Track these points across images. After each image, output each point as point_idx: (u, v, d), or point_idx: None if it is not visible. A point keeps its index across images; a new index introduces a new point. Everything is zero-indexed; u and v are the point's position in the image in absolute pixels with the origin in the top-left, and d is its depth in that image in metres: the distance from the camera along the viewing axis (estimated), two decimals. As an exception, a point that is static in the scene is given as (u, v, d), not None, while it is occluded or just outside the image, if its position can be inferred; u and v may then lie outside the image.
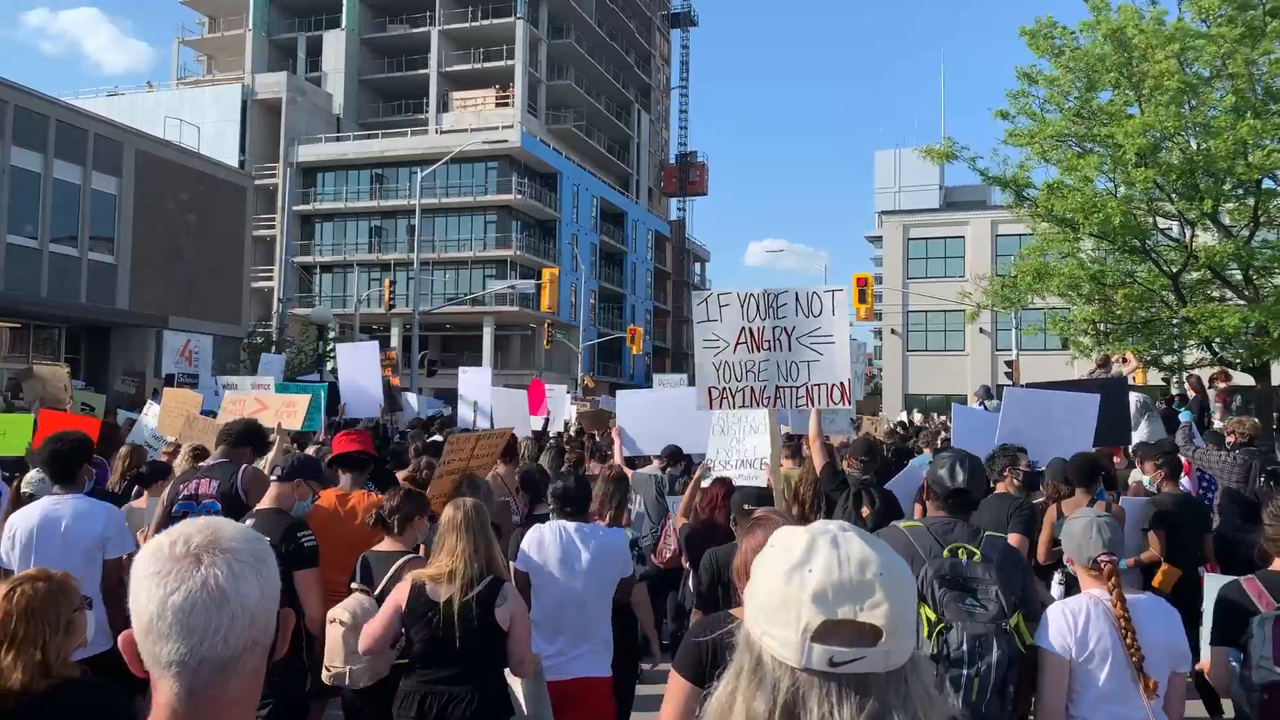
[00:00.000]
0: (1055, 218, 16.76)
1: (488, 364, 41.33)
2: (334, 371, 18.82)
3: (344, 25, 57.47)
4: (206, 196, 29.18)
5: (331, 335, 35.21)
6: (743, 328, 5.40)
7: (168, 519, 5.33)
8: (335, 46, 57.65)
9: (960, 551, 3.35)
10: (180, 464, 7.04)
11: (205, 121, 47.53)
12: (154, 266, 26.93)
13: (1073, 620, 3.32)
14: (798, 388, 5.41)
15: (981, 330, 42.58)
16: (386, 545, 4.49)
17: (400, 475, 7.53)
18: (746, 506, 4.76)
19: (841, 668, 1.16)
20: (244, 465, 5.42)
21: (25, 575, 2.73)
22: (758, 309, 5.40)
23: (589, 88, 63.15)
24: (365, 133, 56.05)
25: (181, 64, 60.72)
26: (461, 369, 14.91)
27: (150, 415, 10.51)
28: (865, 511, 5.65)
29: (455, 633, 3.64)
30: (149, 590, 1.27)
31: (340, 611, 4.17)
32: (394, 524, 4.45)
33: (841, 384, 5.39)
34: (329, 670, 4.13)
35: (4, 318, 23.60)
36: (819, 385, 5.38)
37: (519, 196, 50.90)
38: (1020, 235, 41.63)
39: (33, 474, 6.69)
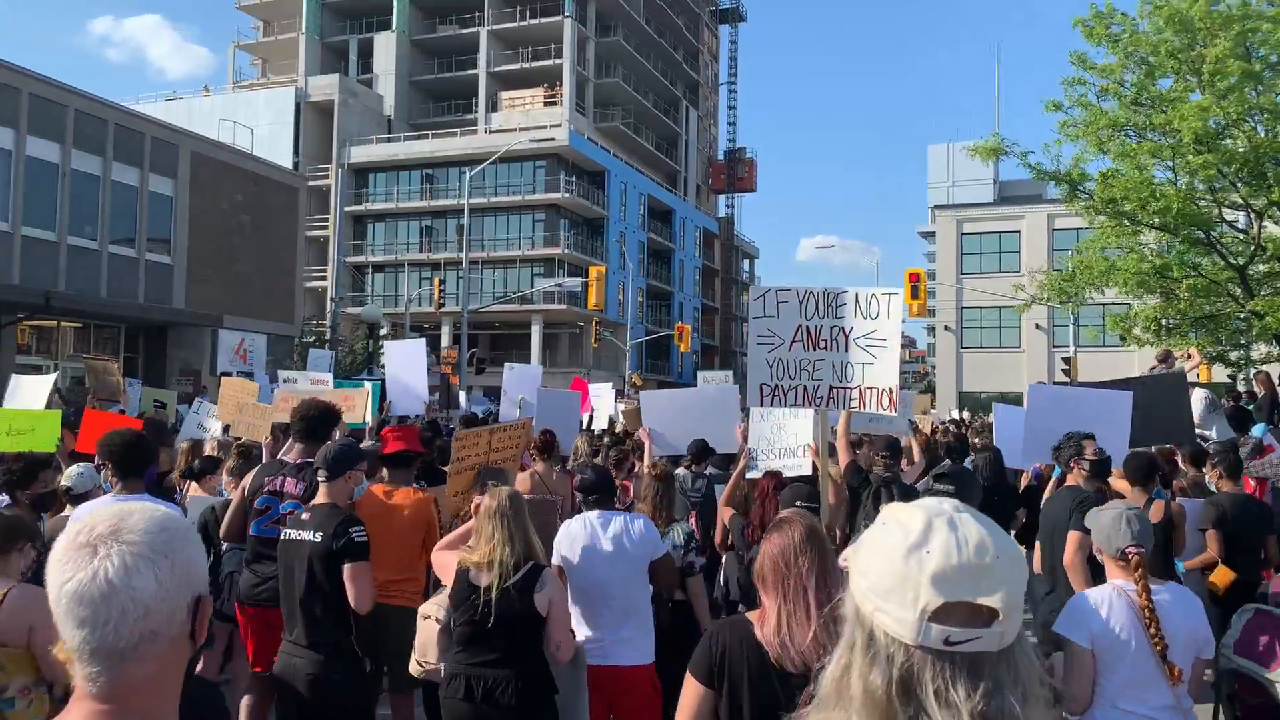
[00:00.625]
0: (1113, 210, 16.22)
1: (536, 362, 41.51)
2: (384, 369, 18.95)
3: (394, 27, 58.14)
4: (260, 197, 29.68)
5: (383, 334, 35.65)
6: (800, 325, 5.37)
7: (246, 511, 5.37)
8: (386, 48, 58.35)
9: None
10: (230, 463, 7.10)
11: (260, 124, 48.41)
12: (209, 266, 27.46)
13: (1095, 610, 3.33)
14: (850, 389, 5.36)
15: (1038, 326, 41.70)
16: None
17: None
18: (799, 504, 4.63)
19: (957, 647, 1.20)
20: None
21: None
22: (816, 307, 5.37)
23: (637, 85, 63.07)
24: (415, 133, 56.65)
25: (237, 68, 61.99)
26: (507, 365, 14.93)
27: (200, 410, 10.65)
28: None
29: (496, 618, 3.73)
30: (51, 576, 1.31)
31: (433, 608, 4.24)
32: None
33: (889, 389, 5.34)
34: (421, 665, 4.19)
35: (66, 317, 24.21)
36: (871, 389, 5.34)
37: (567, 195, 51.02)
38: (1078, 229, 40.71)
39: (74, 469, 6.75)
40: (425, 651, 4.19)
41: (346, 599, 4.28)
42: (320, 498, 4.61)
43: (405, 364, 12.38)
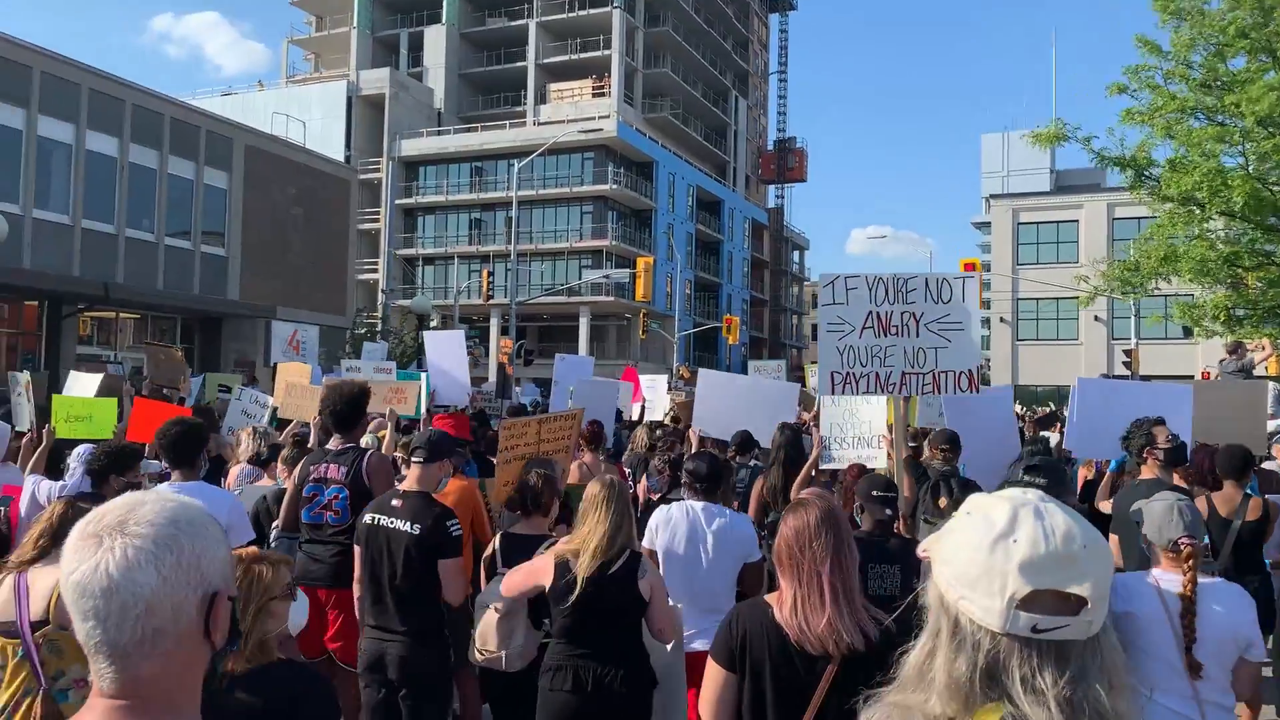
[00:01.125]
0: (1180, 197, 15.58)
1: (584, 354, 41.50)
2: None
3: (444, 20, 58.47)
4: (312, 190, 30.00)
5: (432, 325, 35.89)
6: (870, 311, 5.37)
7: (298, 500, 5.41)
8: (436, 41, 58.70)
9: None
10: (285, 452, 7.09)
11: (312, 118, 49.01)
12: (262, 259, 27.83)
13: (1115, 599, 3.13)
14: (924, 374, 5.36)
15: (1096, 318, 40.62)
16: (524, 528, 4.59)
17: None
18: (875, 494, 4.65)
19: (1044, 634, 1.23)
20: (369, 451, 5.48)
21: (249, 554, 2.83)
22: (886, 293, 5.39)
23: (685, 75, 62.69)
24: (465, 126, 56.94)
25: (291, 63, 62.88)
26: (558, 356, 14.92)
27: (242, 397, 10.72)
28: (943, 502, 5.57)
29: (601, 606, 3.71)
30: (64, 563, 1.28)
31: (490, 596, 4.24)
32: (529, 505, 4.58)
33: (970, 371, 5.36)
34: (482, 653, 4.19)
35: (125, 309, 24.71)
36: (946, 372, 5.34)
37: (615, 186, 50.90)
38: (1139, 218, 39.47)
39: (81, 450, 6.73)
40: (485, 640, 4.16)
41: (438, 587, 4.40)
42: (411, 483, 4.63)
43: (445, 354, 12.40)
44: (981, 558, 1.26)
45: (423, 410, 11.28)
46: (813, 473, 6.36)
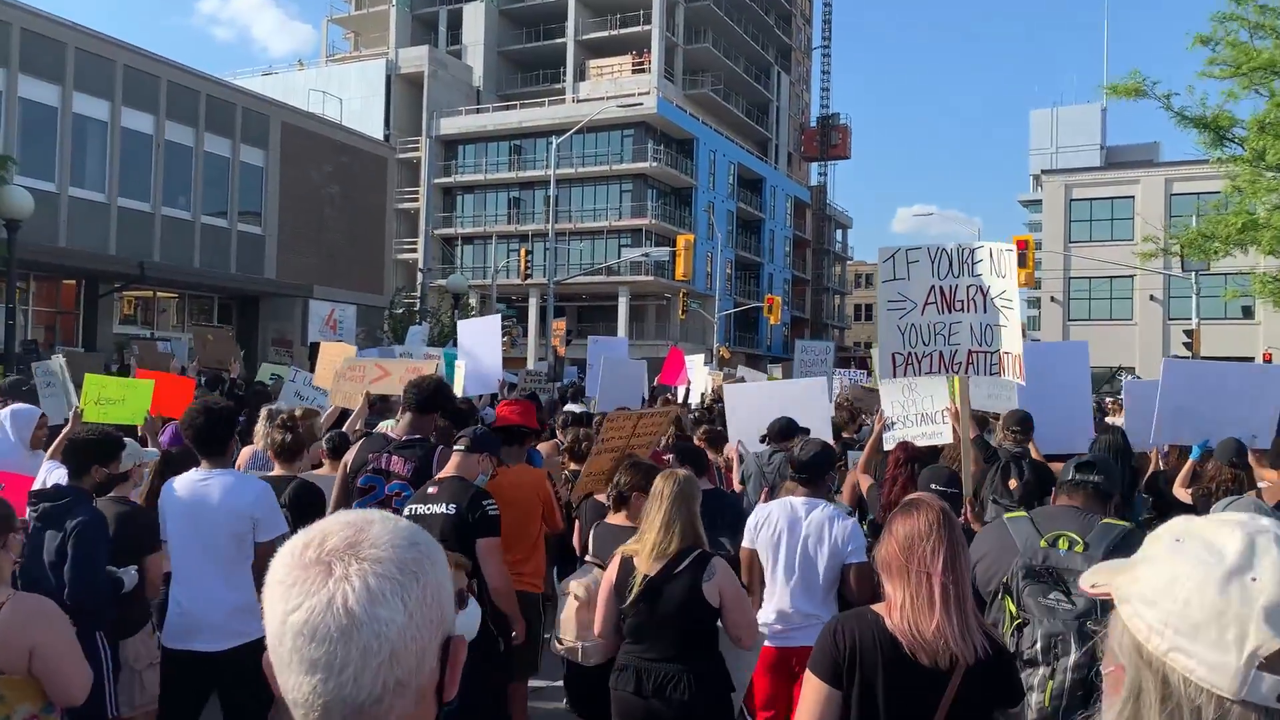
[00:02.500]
0: (1266, 163, 14.55)
1: (623, 334, 41.04)
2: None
3: (483, -3, 57.95)
4: (349, 168, 29.75)
5: (471, 306, 35.63)
6: (933, 286, 5.00)
7: (348, 492, 4.95)
8: (475, 18, 58.24)
9: (1061, 541, 3.10)
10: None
11: (351, 97, 48.87)
12: (299, 237, 27.65)
13: None
14: (992, 353, 4.95)
15: (1152, 298, 39.30)
16: (617, 519, 4.42)
17: (542, 447, 7.12)
18: (935, 487, 4.50)
19: None
20: (440, 446, 5.01)
21: None
22: (950, 265, 5.00)
23: (727, 50, 61.58)
24: (503, 104, 56.50)
25: (331, 42, 62.83)
26: (591, 338, 14.58)
27: (296, 379, 10.42)
28: (1013, 484, 5.33)
29: (663, 608, 3.56)
30: (270, 603, 1.04)
31: (575, 586, 4.14)
32: (627, 498, 4.37)
33: (1018, 356, 4.96)
34: (561, 644, 4.08)
35: (163, 288, 24.66)
36: (1007, 354, 4.94)
37: (655, 164, 50.18)
38: (1199, 194, 38.04)
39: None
40: (565, 629, 4.08)
41: (480, 575, 4.24)
42: (449, 469, 4.50)
43: (479, 341, 12.05)
44: (1208, 599, 0.99)
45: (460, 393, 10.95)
46: (877, 452, 6.17)
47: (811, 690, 2.55)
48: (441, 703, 1.09)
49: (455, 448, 4.56)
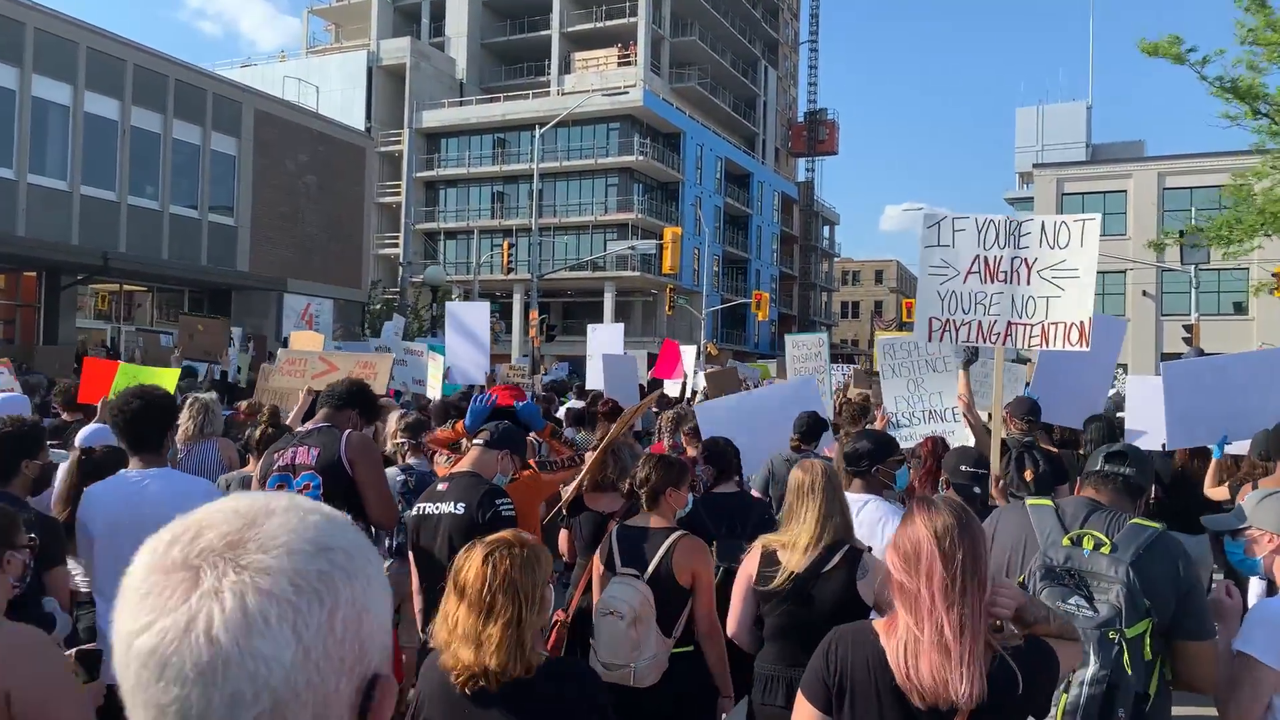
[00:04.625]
0: None
1: (608, 329, 40.22)
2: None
3: (466, -12, 57.03)
4: (326, 158, 28.86)
5: (455, 297, 34.80)
6: (977, 255, 5.01)
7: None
8: (458, 10, 57.32)
9: (1086, 540, 2.85)
10: (257, 434, 5.99)
11: (332, 89, 47.90)
12: (273, 229, 26.76)
13: None
14: (1033, 325, 4.93)
15: (1145, 293, 38.95)
16: (643, 520, 3.97)
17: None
18: (964, 468, 4.33)
19: None
20: (348, 430, 4.33)
21: (500, 539, 2.44)
22: (997, 236, 5.02)
23: (714, 44, 60.90)
24: (487, 97, 55.62)
25: (312, 34, 61.78)
26: (591, 326, 14.08)
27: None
28: (1029, 474, 5.20)
29: (814, 609, 3.28)
30: (119, 616, 0.79)
31: (616, 602, 3.68)
32: (642, 496, 3.94)
33: (1081, 323, 4.90)
34: (608, 667, 3.64)
35: (130, 280, 23.73)
36: (1056, 324, 4.90)
37: (641, 158, 49.45)
38: (1192, 188, 37.66)
39: (86, 431, 5.68)
40: (613, 650, 3.60)
41: None
42: (464, 464, 4.04)
43: (468, 328, 11.49)
44: None
45: (436, 389, 10.29)
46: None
47: (800, 714, 2.32)
48: None
49: (474, 442, 4.16)
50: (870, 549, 3.48)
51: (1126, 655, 2.65)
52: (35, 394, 10.13)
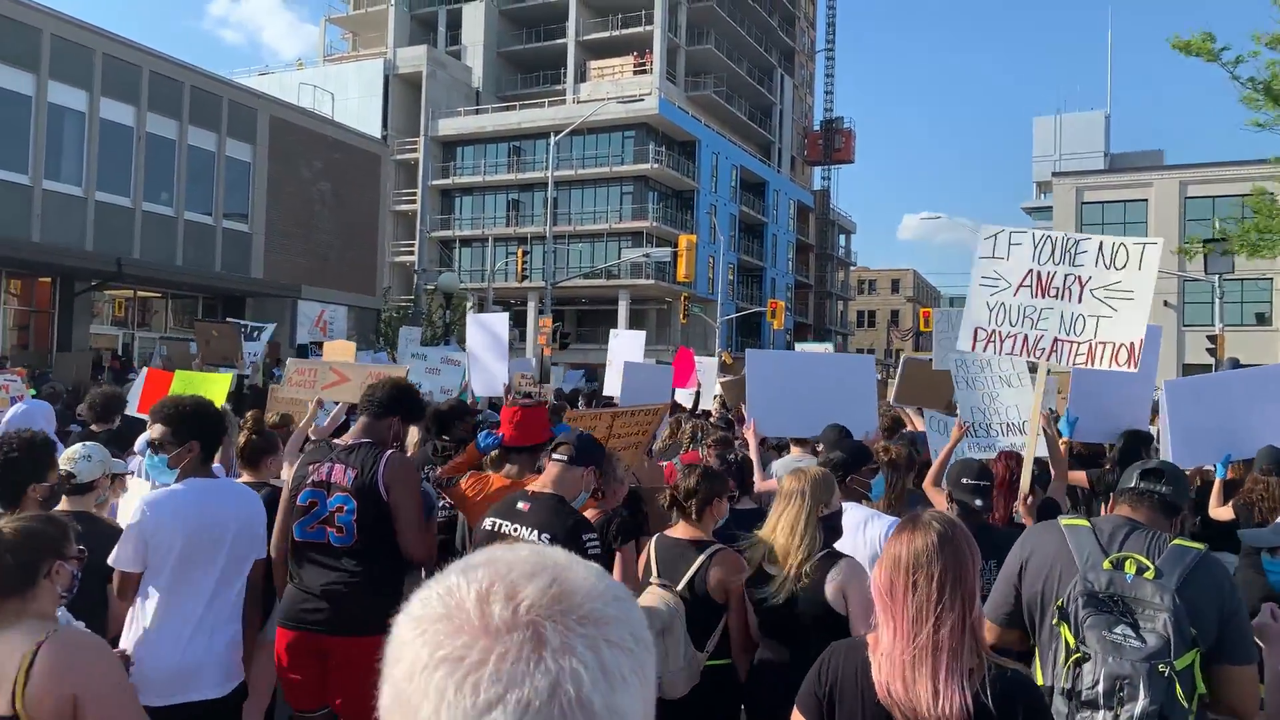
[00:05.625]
0: None
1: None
2: (460, 342, 17.88)
3: (483, -4, 57.19)
4: (341, 165, 28.85)
5: (470, 305, 34.71)
6: (1030, 270, 5.04)
7: (290, 513, 4.04)
8: (474, 18, 57.46)
9: (1128, 564, 2.72)
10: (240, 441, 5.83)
11: (349, 97, 48.00)
12: (288, 235, 26.74)
13: None
14: (1079, 343, 4.94)
15: (1166, 303, 38.41)
16: (681, 532, 3.90)
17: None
18: (965, 481, 4.22)
19: None
20: (390, 452, 4.07)
21: None
22: (1053, 252, 5.05)
23: (730, 52, 60.78)
24: (503, 105, 55.67)
25: (329, 42, 62.04)
26: (613, 331, 13.95)
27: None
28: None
29: (796, 612, 3.37)
30: (433, 690, 0.69)
31: (645, 610, 3.19)
32: (691, 508, 3.85)
33: (1131, 345, 4.86)
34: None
35: (144, 286, 23.72)
36: (1104, 344, 4.89)
37: (656, 166, 49.33)
38: (1214, 197, 37.16)
39: (77, 448, 5.51)
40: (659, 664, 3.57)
41: None
42: (544, 483, 3.83)
43: (487, 340, 11.36)
44: None
45: (468, 397, 10.18)
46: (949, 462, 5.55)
47: None
48: None
49: (554, 457, 3.91)
50: (847, 556, 3.53)
51: (1179, 688, 2.54)
52: (56, 402, 10.06)
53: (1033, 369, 5.78)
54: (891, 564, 2.18)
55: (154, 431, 3.77)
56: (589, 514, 4.14)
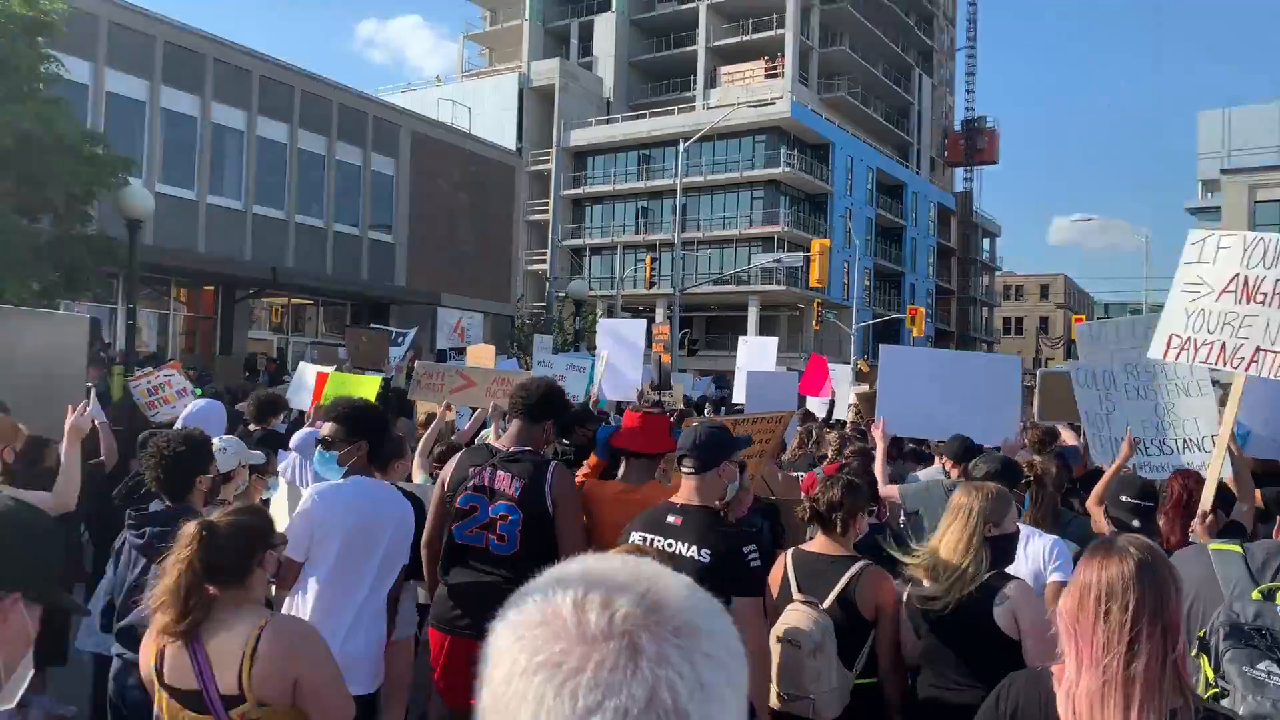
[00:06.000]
0: None
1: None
2: (590, 349, 17.98)
3: (614, 9, 57.93)
4: (478, 177, 29.66)
5: (599, 312, 35.07)
6: (1237, 274, 4.59)
7: (445, 514, 4.04)
8: (606, 30, 58.26)
9: (1279, 595, 2.49)
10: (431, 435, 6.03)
11: (485, 111, 49.41)
12: (428, 245, 27.66)
13: None
14: None
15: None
16: (822, 546, 3.78)
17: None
18: (1125, 499, 4.15)
19: None
20: (554, 463, 4.09)
21: None
22: (1264, 255, 4.59)
23: (865, 53, 59.43)
24: (633, 114, 56.17)
25: (467, 58, 64.13)
26: (741, 339, 13.71)
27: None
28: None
29: (957, 636, 3.23)
30: (533, 697, 0.71)
31: (794, 631, 3.53)
32: (835, 521, 3.73)
33: None
34: (783, 698, 3.50)
35: (297, 294, 24.98)
36: None
37: (788, 170, 48.66)
38: None
39: (215, 441, 5.72)
40: (790, 683, 3.45)
41: None
42: (687, 494, 3.61)
43: (622, 346, 11.37)
44: None
45: (591, 398, 10.17)
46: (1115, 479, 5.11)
47: None
48: None
49: (684, 471, 3.66)
50: (1018, 578, 3.34)
51: None
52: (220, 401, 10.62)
53: (1213, 382, 5.24)
54: (1081, 590, 2.04)
55: (325, 429, 3.87)
56: None
